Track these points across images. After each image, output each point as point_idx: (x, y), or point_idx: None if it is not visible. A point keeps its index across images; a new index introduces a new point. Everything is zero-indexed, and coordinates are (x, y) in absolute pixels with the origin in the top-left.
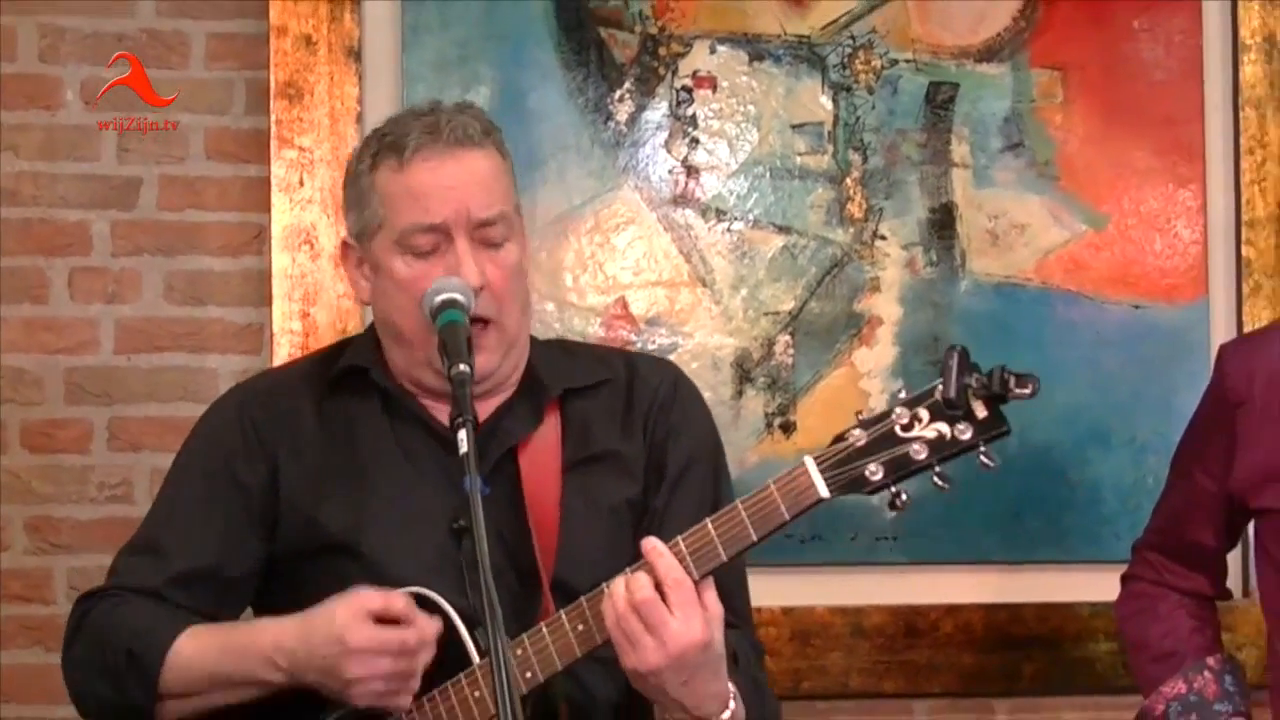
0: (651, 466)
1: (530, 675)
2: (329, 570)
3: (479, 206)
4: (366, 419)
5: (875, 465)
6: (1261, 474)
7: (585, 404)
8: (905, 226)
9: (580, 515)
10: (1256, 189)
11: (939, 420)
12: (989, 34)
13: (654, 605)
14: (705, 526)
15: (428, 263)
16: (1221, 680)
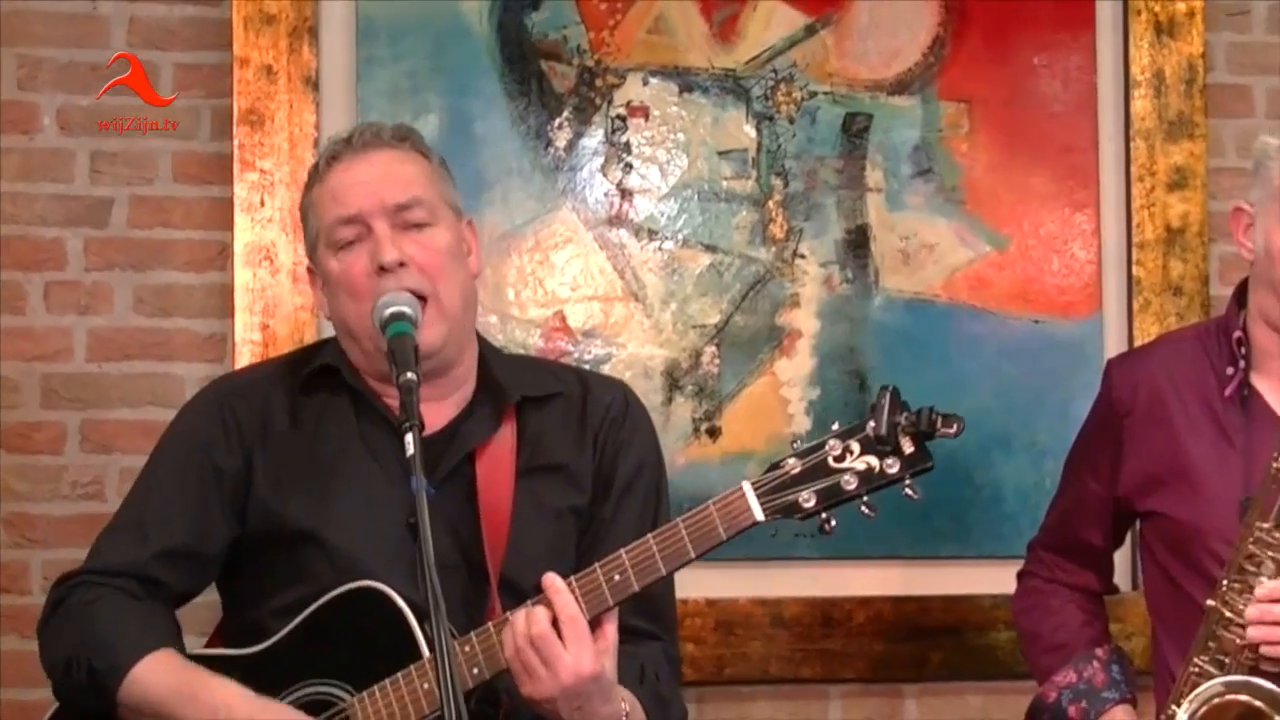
0: (599, 478)
1: (477, 671)
2: (292, 557)
3: (391, 193)
4: (335, 416)
5: (808, 493)
6: (1145, 479)
7: (540, 416)
8: (823, 246)
9: (529, 520)
10: (1146, 214)
11: (869, 454)
12: (901, 69)
13: (549, 640)
14: (647, 541)
15: (353, 253)
16: (1109, 669)
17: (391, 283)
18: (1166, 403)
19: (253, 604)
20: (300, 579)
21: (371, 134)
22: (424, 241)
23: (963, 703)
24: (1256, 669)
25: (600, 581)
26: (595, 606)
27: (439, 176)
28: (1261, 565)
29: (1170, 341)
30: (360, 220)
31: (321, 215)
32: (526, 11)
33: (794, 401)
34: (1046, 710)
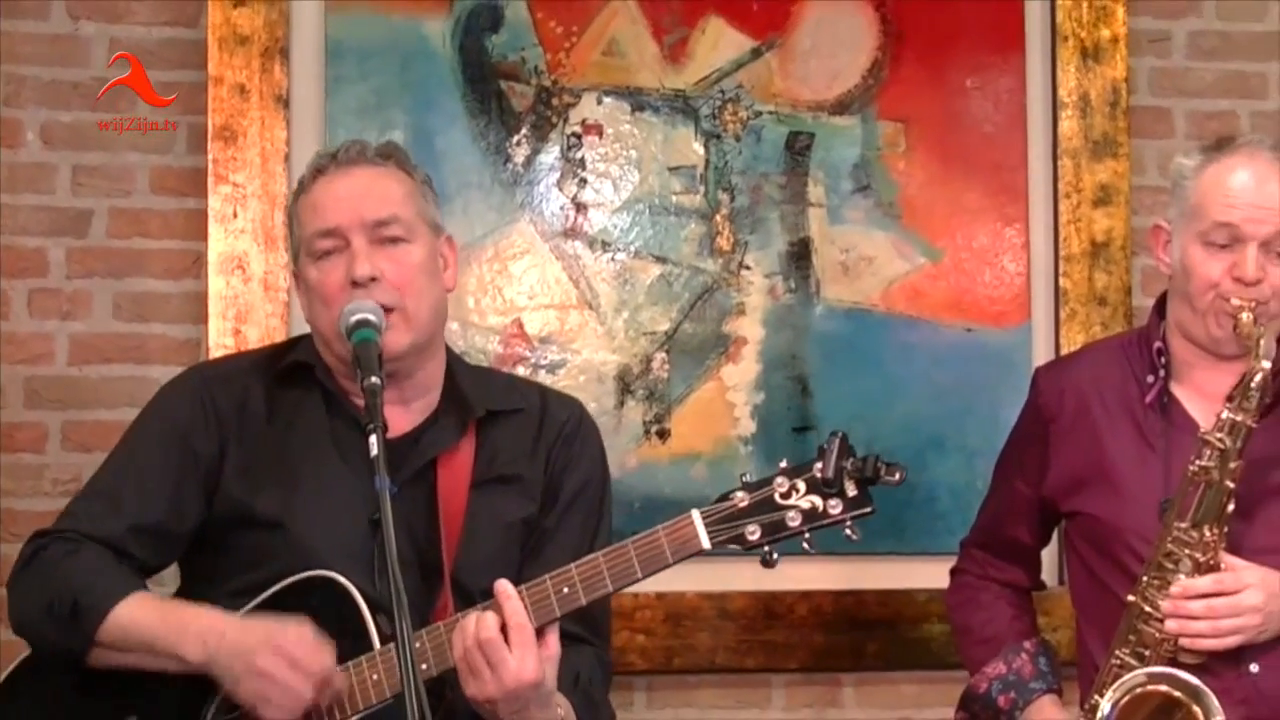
0: (548, 490)
1: (425, 667)
2: (255, 543)
3: (370, 210)
4: (307, 411)
5: (754, 526)
6: (1070, 481)
7: (499, 429)
8: (767, 258)
9: (482, 527)
10: (1073, 228)
11: (814, 493)
12: (841, 90)
13: (496, 645)
14: (597, 559)
15: (330, 263)
16: (1036, 661)
17: (363, 295)
18: (1090, 409)
19: (211, 584)
20: (260, 564)
21: (357, 151)
22: (398, 257)
23: (897, 691)
24: (1175, 661)
25: (549, 593)
26: (542, 616)
27: (419, 194)
28: (1179, 563)
29: (1094, 350)
30: (338, 234)
31: (304, 225)
32: (486, 34)
33: (739, 405)
34: (977, 700)
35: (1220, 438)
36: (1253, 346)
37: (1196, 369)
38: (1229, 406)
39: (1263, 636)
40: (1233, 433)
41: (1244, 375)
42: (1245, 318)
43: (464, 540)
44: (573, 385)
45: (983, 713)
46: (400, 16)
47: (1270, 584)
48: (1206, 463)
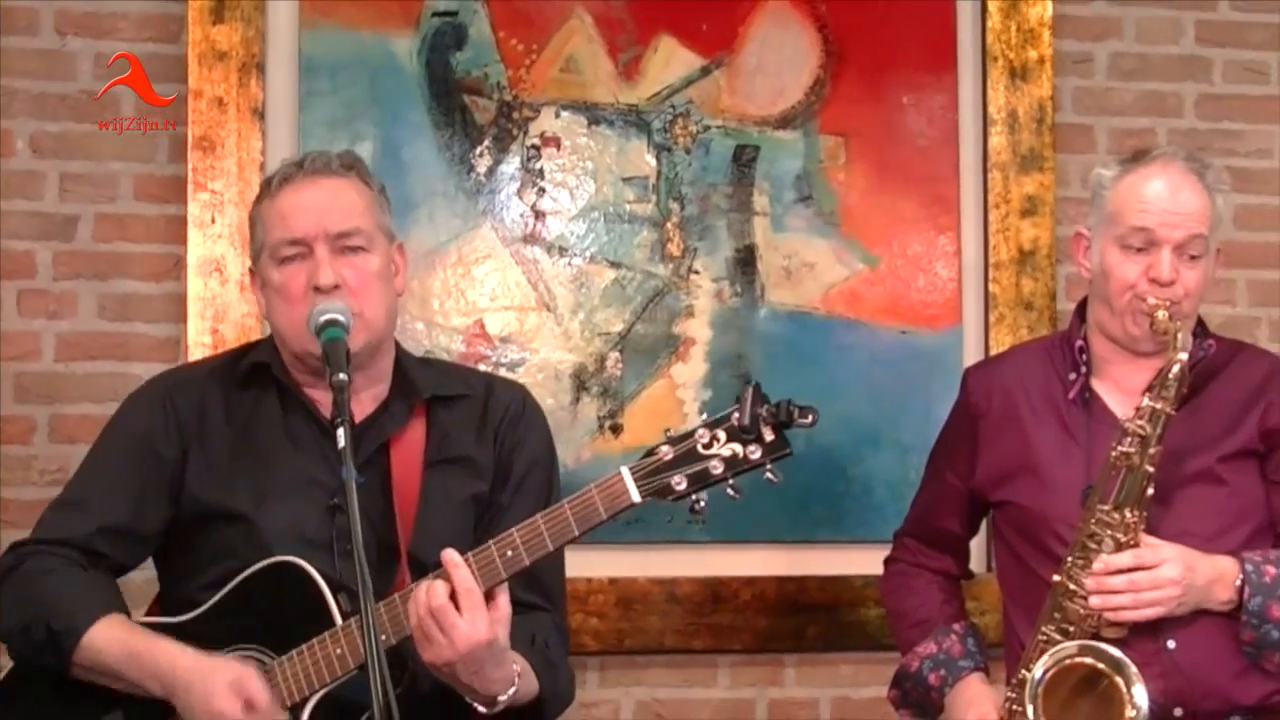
0: (498, 470)
1: (385, 638)
2: (221, 537)
3: (334, 221)
4: (264, 409)
5: (680, 477)
6: (998, 473)
7: (448, 414)
8: (715, 263)
9: (435, 505)
10: (1001, 237)
11: (734, 441)
12: (785, 106)
13: (446, 611)
14: (536, 521)
15: (293, 268)
16: (965, 642)
17: (324, 300)
18: (1017, 405)
19: (185, 579)
20: (227, 557)
21: (322, 162)
22: (358, 265)
23: (836, 671)
24: (1098, 635)
25: (494, 557)
26: (489, 579)
27: (377, 204)
28: (1102, 543)
29: (1020, 351)
30: (303, 243)
31: (269, 229)
32: (451, 51)
33: (689, 402)
34: (909, 678)
35: (1141, 425)
36: (1170, 340)
37: (1115, 366)
38: (1149, 396)
39: (1181, 609)
40: (1152, 420)
41: (1163, 367)
42: (1161, 315)
43: (419, 518)
44: (531, 383)
45: (914, 690)
46: (370, 34)
47: (1187, 559)
48: (1128, 449)
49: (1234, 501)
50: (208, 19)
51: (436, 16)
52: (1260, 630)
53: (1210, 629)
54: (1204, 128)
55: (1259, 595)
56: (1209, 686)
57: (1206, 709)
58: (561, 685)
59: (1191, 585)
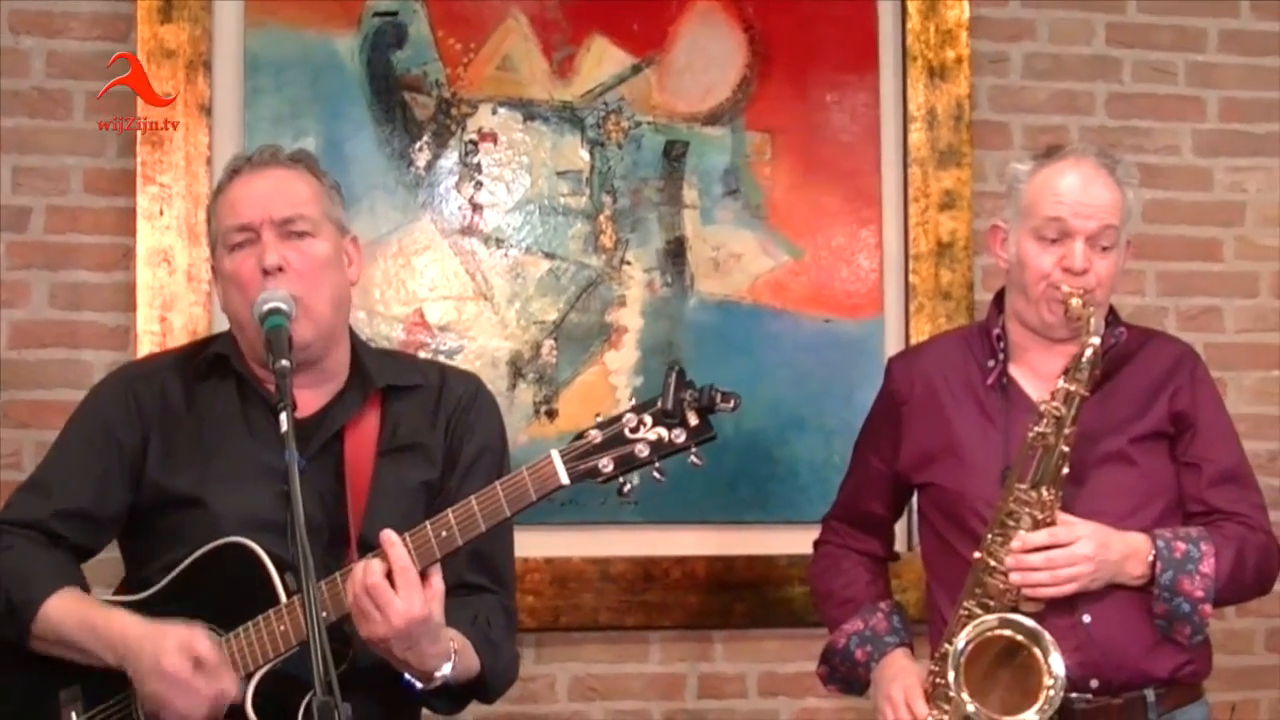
0: (449, 456)
1: (326, 615)
2: (178, 521)
3: (278, 207)
4: (223, 398)
5: (607, 460)
6: (920, 457)
7: (402, 403)
8: (646, 254)
9: (387, 491)
10: (921, 230)
11: (659, 425)
12: (714, 103)
13: (382, 588)
14: (470, 501)
15: (243, 254)
16: (891, 619)
17: (272, 283)
18: (938, 392)
19: (145, 562)
20: (184, 540)
21: (270, 154)
22: (303, 249)
23: (762, 647)
24: (1016, 609)
25: (430, 537)
26: (425, 559)
27: (326, 196)
28: (1020, 520)
29: (941, 340)
30: (250, 228)
31: (220, 219)
32: (392, 50)
33: (621, 388)
34: (837, 653)
35: (1056, 406)
36: (1083, 326)
37: (1031, 352)
38: (1064, 379)
39: (1095, 583)
40: (1067, 402)
41: (1077, 351)
42: (1075, 302)
43: (370, 504)
44: (469, 369)
45: (842, 665)
46: (313, 33)
47: (1101, 537)
48: (1044, 429)
49: (1145, 482)
50: (156, 18)
51: (377, 16)
52: (1172, 603)
53: (1124, 604)
54: (1114, 125)
55: (1170, 570)
56: (1123, 659)
57: (1120, 680)
58: (503, 663)
59: (1105, 561)
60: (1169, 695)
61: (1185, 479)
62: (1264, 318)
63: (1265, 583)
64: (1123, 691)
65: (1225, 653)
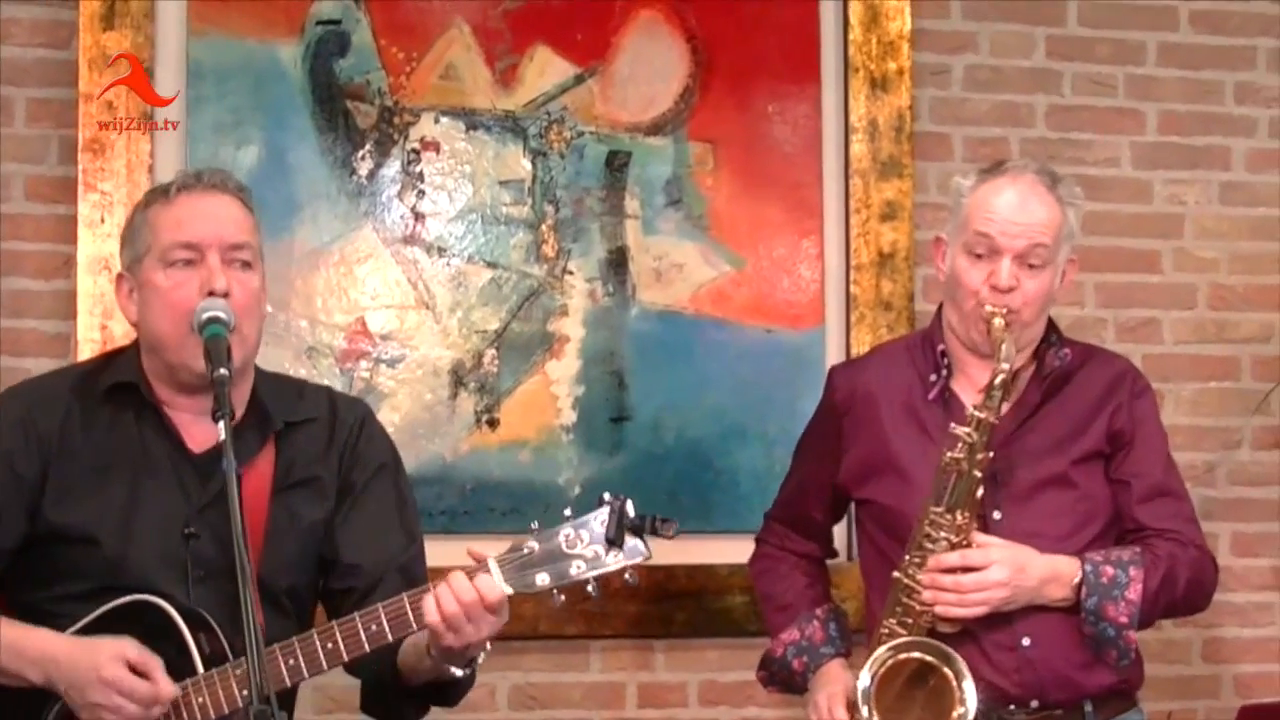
0: (343, 488)
1: (294, 663)
2: (72, 555)
3: (230, 233)
4: (123, 429)
5: (543, 574)
6: (860, 470)
7: (295, 436)
8: (588, 264)
9: (282, 531)
10: (862, 241)
11: (597, 544)
12: (656, 113)
13: (477, 605)
14: (401, 600)
15: (184, 273)
16: (827, 628)
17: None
18: (878, 405)
19: (32, 589)
20: (78, 577)
21: (220, 179)
22: (244, 281)
23: (703, 656)
24: (933, 630)
25: (358, 629)
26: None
27: (258, 231)
28: (936, 542)
29: (883, 351)
30: (198, 247)
31: (162, 233)
32: (335, 58)
33: (562, 397)
34: (775, 663)
35: (968, 432)
36: (995, 349)
37: (969, 367)
38: (976, 405)
39: (1010, 606)
40: (979, 428)
41: (990, 377)
42: (997, 323)
43: (266, 544)
44: (411, 378)
45: (780, 673)
46: (255, 41)
47: (1018, 561)
48: (957, 454)
49: (1084, 504)
50: (98, 25)
51: (320, 24)
52: (1098, 628)
53: (1061, 625)
54: (1054, 137)
55: (1095, 595)
56: (1061, 678)
57: (1060, 699)
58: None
59: (1021, 586)
60: (1106, 705)
61: (1118, 496)
62: (1202, 329)
63: (1198, 600)
64: (1061, 706)
65: (1163, 662)
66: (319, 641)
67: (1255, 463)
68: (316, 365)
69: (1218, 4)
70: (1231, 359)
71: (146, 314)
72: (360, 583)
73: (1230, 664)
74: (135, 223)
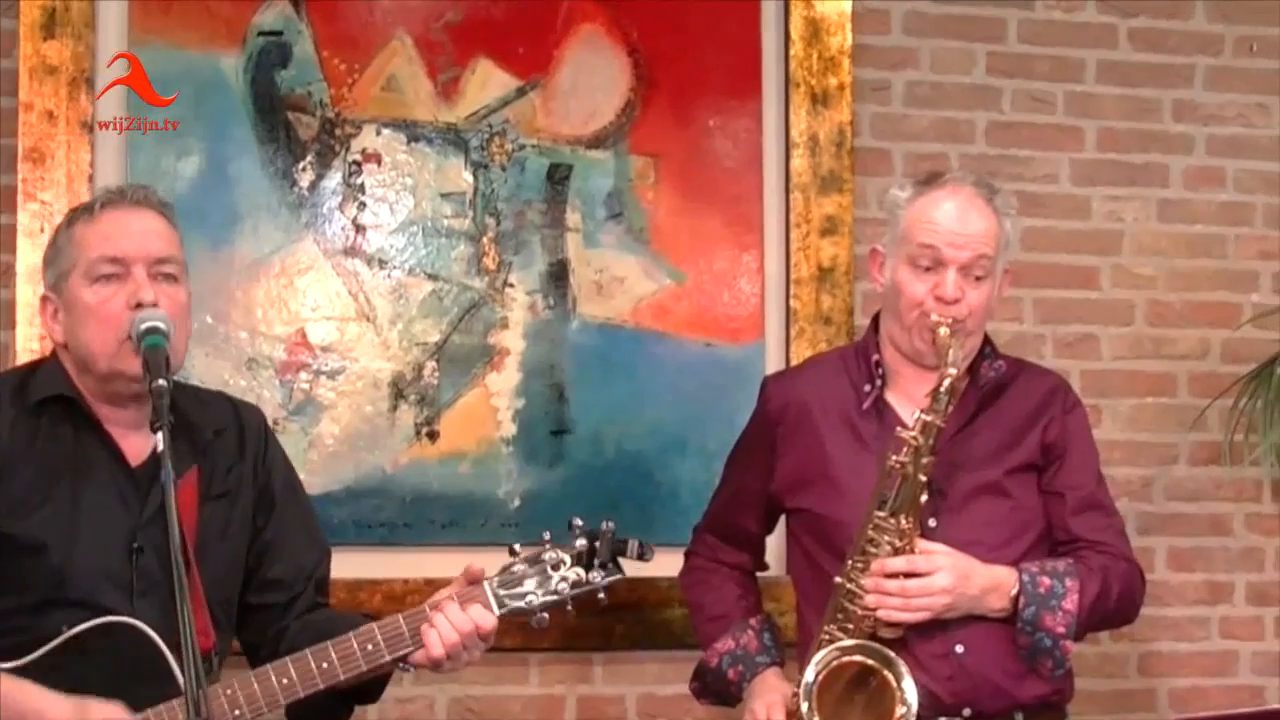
0: (260, 500)
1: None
2: (21, 569)
3: (156, 247)
4: (62, 442)
5: (532, 596)
6: (794, 480)
7: (214, 448)
8: (529, 277)
9: (214, 542)
10: (802, 255)
11: (578, 566)
12: (597, 126)
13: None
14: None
15: (110, 287)
16: (762, 637)
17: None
18: (813, 415)
19: None
20: (25, 588)
21: (144, 195)
22: (171, 294)
23: (642, 669)
24: (874, 634)
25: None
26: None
27: (182, 246)
28: (879, 546)
29: (818, 363)
30: (124, 262)
31: (87, 249)
32: (276, 69)
33: (502, 409)
34: (709, 673)
35: (914, 436)
36: (942, 355)
37: (905, 378)
38: (923, 409)
39: (951, 613)
40: (925, 432)
41: (936, 382)
42: (943, 332)
43: (202, 557)
44: (351, 390)
45: (714, 684)
46: (197, 52)
47: (962, 569)
48: (903, 458)
49: (1018, 514)
50: (39, 34)
51: (262, 35)
52: (1034, 638)
53: (995, 634)
54: (994, 153)
55: (1033, 605)
56: (994, 688)
57: (992, 709)
58: None
59: (963, 594)
60: (1037, 717)
61: (1051, 508)
62: (1139, 345)
63: (1129, 611)
64: (994, 717)
65: (1099, 676)
66: (313, 661)
67: (1191, 478)
68: (256, 376)
69: (1157, 22)
70: (1168, 375)
71: (76, 331)
72: (281, 597)
73: (1166, 678)
74: (59, 242)
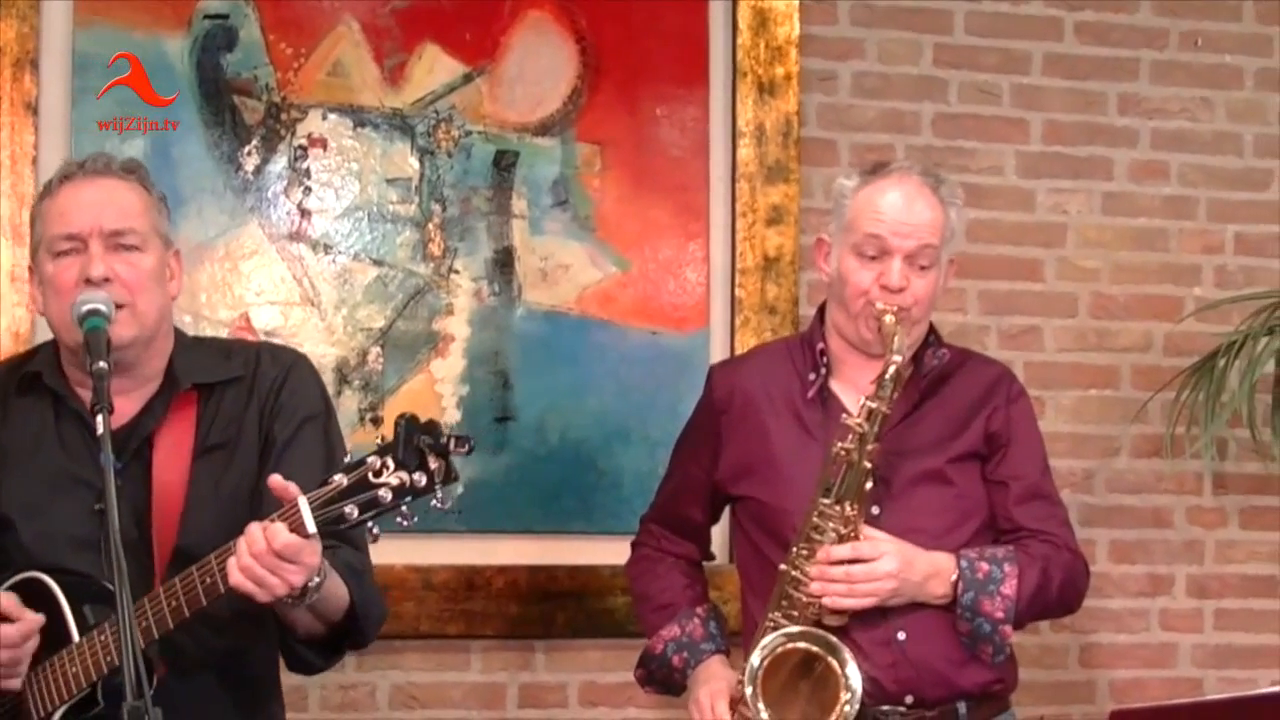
0: (266, 444)
1: (147, 626)
2: None
3: (109, 219)
4: (38, 416)
5: (351, 506)
6: (738, 468)
7: (218, 398)
8: (475, 263)
9: (203, 496)
10: (748, 245)
11: (402, 470)
12: (544, 114)
13: (293, 546)
14: (210, 560)
15: (67, 261)
16: (707, 625)
17: (89, 291)
18: (758, 404)
19: None
20: (3, 565)
21: (103, 163)
22: (132, 262)
23: (584, 657)
24: (819, 622)
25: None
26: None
27: (155, 209)
28: (825, 534)
29: (763, 352)
30: (79, 237)
31: (47, 225)
32: (222, 53)
33: (447, 396)
34: (654, 659)
35: (859, 423)
36: (888, 342)
37: (850, 366)
38: (868, 396)
39: (896, 600)
40: (870, 419)
41: (881, 369)
42: (888, 320)
43: (186, 512)
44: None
45: (659, 671)
46: (142, 34)
47: (906, 555)
48: (848, 445)
49: (961, 501)
50: None
51: (208, 19)
52: (974, 623)
53: (938, 621)
54: (940, 145)
55: (971, 591)
56: (937, 675)
57: (934, 696)
58: (370, 591)
59: (907, 580)
60: (980, 707)
61: (994, 497)
62: (1083, 338)
63: (1071, 600)
64: (936, 705)
65: (1040, 667)
66: (164, 599)
67: (1133, 471)
68: None
69: (1103, 15)
70: (1111, 368)
71: (47, 304)
72: None
73: (1105, 669)
74: (33, 216)
